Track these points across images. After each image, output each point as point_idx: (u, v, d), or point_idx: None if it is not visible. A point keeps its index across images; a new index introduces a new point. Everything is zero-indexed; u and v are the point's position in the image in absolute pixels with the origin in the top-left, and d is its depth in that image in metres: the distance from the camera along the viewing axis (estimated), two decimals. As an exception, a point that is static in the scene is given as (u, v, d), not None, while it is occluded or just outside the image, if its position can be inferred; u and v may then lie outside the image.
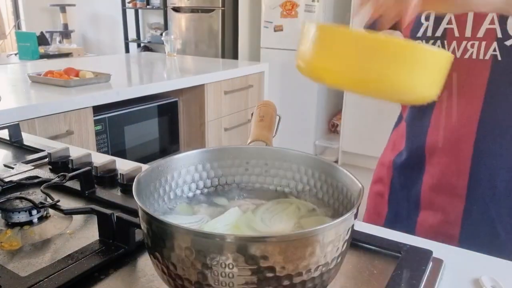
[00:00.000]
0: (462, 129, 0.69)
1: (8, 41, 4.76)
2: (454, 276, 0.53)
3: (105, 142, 1.92)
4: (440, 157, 0.73)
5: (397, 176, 0.82)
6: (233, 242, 0.37)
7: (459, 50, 0.67)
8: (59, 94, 1.72)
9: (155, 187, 0.52)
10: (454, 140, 0.71)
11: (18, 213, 0.62)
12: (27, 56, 3.37)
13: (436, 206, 0.75)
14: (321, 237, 0.38)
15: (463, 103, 0.69)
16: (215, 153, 0.58)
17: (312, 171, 0.56)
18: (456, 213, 0.72)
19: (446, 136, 0.71)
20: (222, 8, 3.88)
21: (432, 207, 0.75)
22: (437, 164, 0.73)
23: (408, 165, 0.79)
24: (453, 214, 0.73)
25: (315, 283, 0.40)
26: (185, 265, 0.39)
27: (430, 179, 0.75)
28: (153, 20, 5.01)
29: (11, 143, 1.01)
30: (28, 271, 0.51)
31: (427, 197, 0.76)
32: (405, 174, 0.80)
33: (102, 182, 0.77)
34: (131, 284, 0.51)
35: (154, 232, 0.41)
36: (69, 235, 0.61)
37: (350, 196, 0.49)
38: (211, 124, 2.39)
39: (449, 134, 0.71)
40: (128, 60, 3.20)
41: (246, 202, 0.55)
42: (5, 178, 0.74)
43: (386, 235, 0.59)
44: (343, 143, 3.44)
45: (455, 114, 0.70)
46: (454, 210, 0.72)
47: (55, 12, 5.20)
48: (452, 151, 0.71)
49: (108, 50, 5.28)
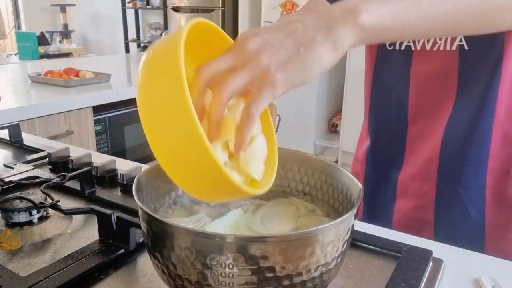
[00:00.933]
0: (434, 119, 0.72)
1: (8, 41, 4.76)
2: (454, 276, 0.53)
3: (105, 142, 1.92)
4: (413, 145, 0.75)
5: (371, 168, 0.84)
6: (233, 242, 0.37)
7: (429, 43, 0.68)
8: (59, 94, 1.72)
9: (155, 187, 0.52)
10: (426, 127, 0.73)
11: (18, 213, 0.62)
12: (27, 56, 3.37)
13: (410, 192, 0.77)
14: (321, 237, 0.38)
15: (436, 94, 0.71)
16: (215, 153, 0.58)
17: (312, 171, 0.56)
18: (429, 197, 0.74)
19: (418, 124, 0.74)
20: (222, 8, 3.88)
21: (407, 193, 0.77)
22: (410, 151, 0.76)
23: (383, 156, 0.81)
24: (427, 199, 0.75)
25: (315, 283, 0.40)
26: (185, 265, 0.39)
27: (406, 167, 0.77)
28: (153, 20, 5.01)
29: (11, 143, 1.01)
30: (28, 271, 0.51)
31: (403, 185, 0.78)
32: (380, 165, 0.82)
33: (102, 182, 0.77)
34: (131, 284, 0.51)
35: (154, 232, 0.41)
36: (69, 235, 0.61)
37: (350, 196, 0.49)
38: (211, 124, 2.39)
39: (421, 123, 0.73)
40: (128, 60, 3.20)
41: (246, 203, 0.55)
42: (5, 178, 0.74)
43: (386, 235, 0.59)
44: (343, 143, 3.44)
45: (429, 105, 0.72)
46: (427, 195, 0.75)
47: (55, 12, 5.20)
48: (423, 138, 0.74)
49: (108, 50, 5.27)
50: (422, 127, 0.74)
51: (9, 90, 1.80)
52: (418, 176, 0.75)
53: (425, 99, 0.72)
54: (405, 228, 0.70)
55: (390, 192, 0.80)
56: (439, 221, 0.74)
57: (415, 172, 0.76)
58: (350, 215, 0.41)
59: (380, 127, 0.81)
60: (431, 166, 0.73)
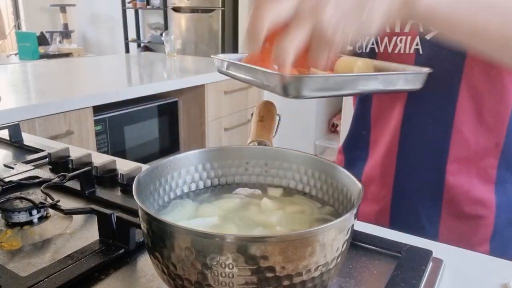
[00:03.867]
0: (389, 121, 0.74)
1: (8, 41, 4.76)
2: (454, 276, 0.53)
3: (105, 142, 1.92)
4: (374, 148, 0.78)
5: (346, 162, 0.86)
6: (233, 242, 0.37)
7: (390, 45, 0.71)
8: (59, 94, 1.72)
9: (155, 187, 0.52)
10: (382, 131, 0.75)
11: (18, 213, 0.62)
12: (27, 56, 3.37)
13: (370, 195, 0.78)
14: (321, 237, 0.38)
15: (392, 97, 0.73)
16: (215, 153, 0.58)
17: (312, 171, 0.56)
18: (385, 203, 0.76)
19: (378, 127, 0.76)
20: (222, 8, 3.88)
21: (367, 196, 0.78)
22: (372, 155, 0.78)
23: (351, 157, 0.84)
24: (383, 204, 0.76)
25: (315, 283, 0.40)
26: (185, 265, 0.39)
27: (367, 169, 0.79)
28: (153, 20, 5.01)
29: (11, 143, 1.01)
30: (28, 271, 0.51)
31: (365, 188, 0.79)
32: (350, 160, 0.85)
33: (102, 182, 0.77)
34: (131, 284, 0.51)
35: (154, 232, 0.41)
36: (69, 235, 0.61)
37: (350, 196, 0.49)
38: (211, 124, 2.39)
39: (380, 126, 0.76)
40: (128, 60, 3.20)
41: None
42: (5, 178, 0.74)
43: (386, 235, 0.59)
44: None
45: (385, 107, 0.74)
46: (384, 200, 0.76)
47: (55, 12, 5.20)
48: (382, 142, 0.76)
49: (108, 50, 5.27)
50: (381, 130, 0.76)
51: (9, 90, 1.81)
52: (376, 181, 0.77)
53: (385, 101, 0.74)
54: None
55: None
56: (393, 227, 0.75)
57: (374, 176, 0.77)
58: (350, 215, 0.41)
59: (352, 126, 0.84)
60: (388, 171, 0.74)
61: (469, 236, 0.71)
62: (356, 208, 0.42)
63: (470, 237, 0.71)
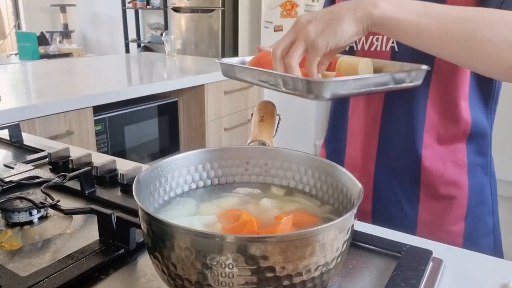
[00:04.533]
0: (368, 112, 0.78)
1: (8, 41, 4.76)
2: (454, 276, 0.53)
3: (105, 142, 1.92)
4: (352, 138, 0.82)
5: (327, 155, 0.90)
6: (233, 242, 0.37)
7: (367, 43, 0.76)
8: (59, 94, 1.72)
9: (155, 187, 0.52)
10: (359, 122, 0.80)
11: (18, 213, 0.62)
12: (27, 56, 3.37)
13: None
14: (321, 237, 0.38)
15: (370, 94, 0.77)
16: (215, 153, 0.58)
17: (312, 171, 0.56)
18: (367, 189, 0.80)
19: (355, 118, 0.81)
20: (222, 8, 3.87)
21: None
22: (350, 145, 0.82)
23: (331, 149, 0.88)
24: (365, 190, 0.79)
25: (315, 283, 0.40)
26: (185, 265, 0.39)
27: (347, 159, 0.83)
28: (153, 20, 5.01)
29: (11, 143, 1.01)
30: (28, 271, 0.51)
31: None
32: (332, 152, 0.88)
33: (102, 182, 0.77)
34: (131, 284, 0.51)
35: (154, 232, 0.41)
36: (69, 235, 0.61)
37: (350, 196, 0.49)
38: (211, 124, 2.39)
39: (357, 117, 0.80)
40: (128, 60, 3.20)
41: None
42: (5, 178, 0.74)
43: (386, 235, 0.59)
44: (343, 143, 3.44)
45: (364, 102, 0.79)
46: (366, 186, 0.79)
47: (55, 12, 5.20)
48: (360, 132, 0.80)
49: (108, 50, 5.27)
50: (358, 121, 0.80)
51: (9, 90, 1.81)
52: (358, 169, 0.81)
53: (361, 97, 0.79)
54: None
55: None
56: (376, 212, 0.80)
57: (355, 164, 0.81)
58: (350, 215, 0.41)
59: (330, 118, 0.89)
60: (369, 160, 0.79)
61: (444, 215, 0.76)
62: (356, 208, 0.42)
63: (445, 217, 0.76)
